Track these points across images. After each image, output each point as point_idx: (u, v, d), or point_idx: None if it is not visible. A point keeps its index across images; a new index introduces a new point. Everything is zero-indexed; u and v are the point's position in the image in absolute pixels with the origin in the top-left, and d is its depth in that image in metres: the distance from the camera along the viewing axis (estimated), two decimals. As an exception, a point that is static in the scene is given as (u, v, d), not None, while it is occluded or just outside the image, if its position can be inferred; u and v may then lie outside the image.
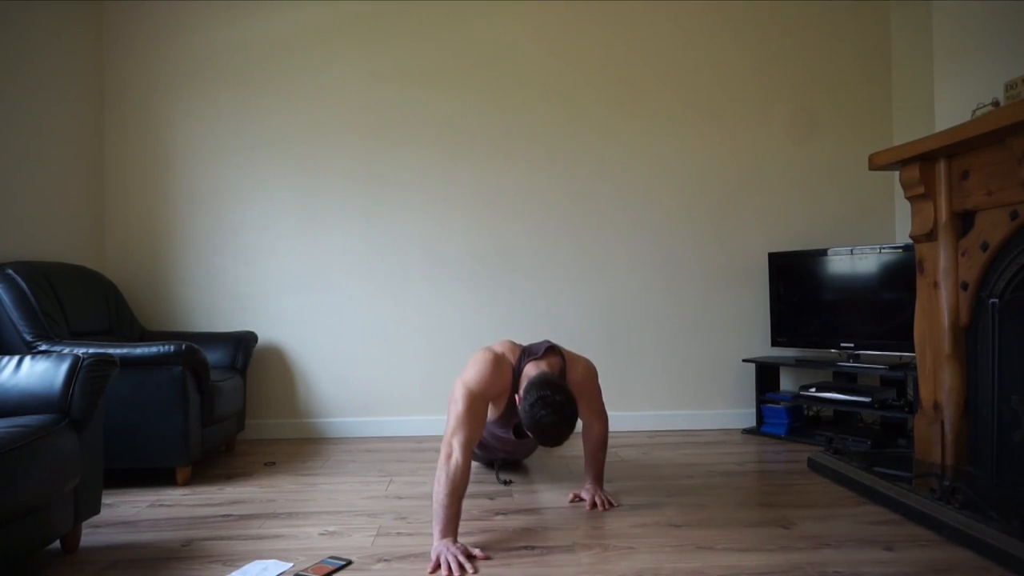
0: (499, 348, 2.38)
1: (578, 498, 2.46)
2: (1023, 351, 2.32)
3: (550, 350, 2.36)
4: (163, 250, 3.63)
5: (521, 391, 2.17)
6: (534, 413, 2.05)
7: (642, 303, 3.74)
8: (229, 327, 3.61)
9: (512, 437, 2.51)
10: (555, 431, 2.06)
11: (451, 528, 1.96)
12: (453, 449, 2.04)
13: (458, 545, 1.92)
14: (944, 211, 2.58)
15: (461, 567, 1.84)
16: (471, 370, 2.25)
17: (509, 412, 2.36)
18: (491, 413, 2.36)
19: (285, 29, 3.66)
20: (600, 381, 2.41)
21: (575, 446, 2.90)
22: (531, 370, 2.27)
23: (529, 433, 2.11)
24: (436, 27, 3.69)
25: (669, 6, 3.75)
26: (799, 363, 3.56)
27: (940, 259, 2.61)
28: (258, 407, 3.63)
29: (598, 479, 2.49)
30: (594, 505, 2.38)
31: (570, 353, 2.45)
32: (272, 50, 3.66)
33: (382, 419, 3.65)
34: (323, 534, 2.16)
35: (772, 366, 3.64)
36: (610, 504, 2.41)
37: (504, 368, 2.29)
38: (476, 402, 2.16)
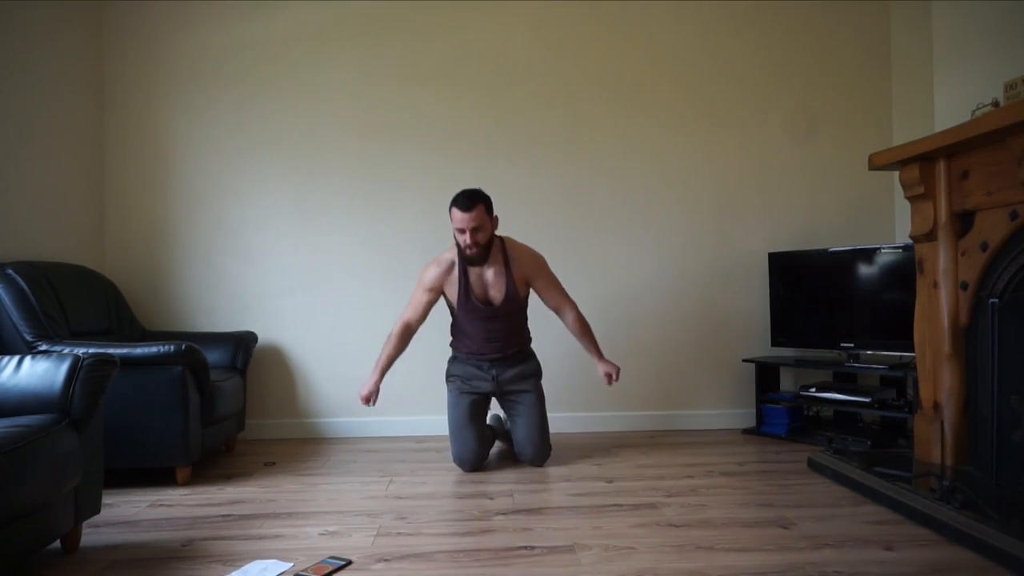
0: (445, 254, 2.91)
1: (608, 377, 2.93)
2: (1023, 351, 2.32)
3: None
4: (163, 250, 3.63)
5: None
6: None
7: (642, 303, 3.74)
8: (229, 327, 3.60)
9: (480, 305, 2.87)
10: (464, 193, 2.76)
11: (379, 368, 2.89)
12: (399, 320, 2.92)
13: (373, 382, 2.83)
14: (944, 211, 2.58)
15: (367, 399, 2.83)
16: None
17: (464, 286, 2.84)
18: (454, 296, 2.87)
19: (285, 29, 3.66)
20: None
21: (570, 443, 2.89)
22: None
23: (452, 207, 2.74)
24: (435, 27, 3.69)
25: (669, 6, 3.75)
26: (799, 363, 3.56)
27: (940, 259, 2.61)
28: (258, 407, 3.63)
29: (599, 353, 2.97)
30: (609, 377, 2.91)
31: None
32: (272, 50, 3.66)
33: (382, 419, 3.65)
34: (323, 534, 2.16)
35: (772, 366, 3.64)
36: (616, 372, 2.92)
37: (442, 261, 2.88)
38: (419, 291, 2.91)
